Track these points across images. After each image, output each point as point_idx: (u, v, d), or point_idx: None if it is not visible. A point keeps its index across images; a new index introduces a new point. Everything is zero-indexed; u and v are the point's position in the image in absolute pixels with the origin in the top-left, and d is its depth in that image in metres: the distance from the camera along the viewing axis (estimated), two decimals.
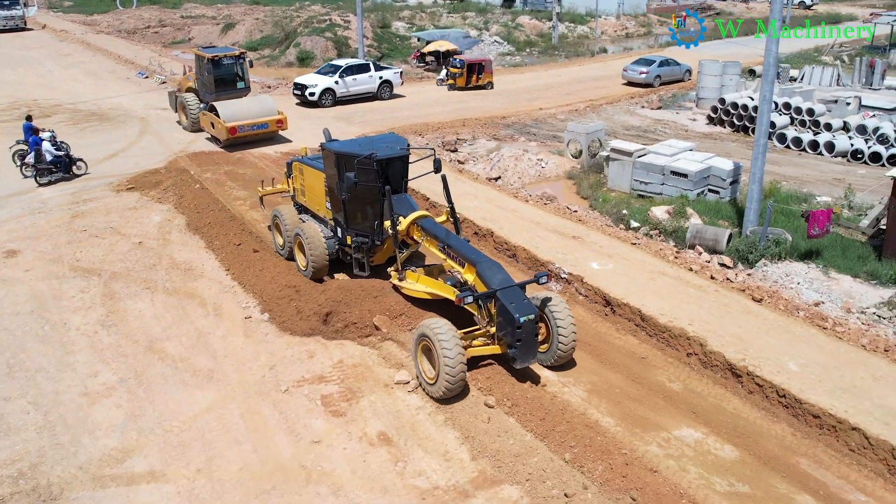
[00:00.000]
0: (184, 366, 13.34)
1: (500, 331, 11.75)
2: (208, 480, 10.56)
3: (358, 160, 13.78)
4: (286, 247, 16.44)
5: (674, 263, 16.19)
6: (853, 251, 18.10)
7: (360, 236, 14.88)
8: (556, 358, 12.18)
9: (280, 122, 26.14)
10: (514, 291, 11.73)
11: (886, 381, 11.88)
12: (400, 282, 14.45)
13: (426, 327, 11.50)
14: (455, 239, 13.25)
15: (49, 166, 22.37)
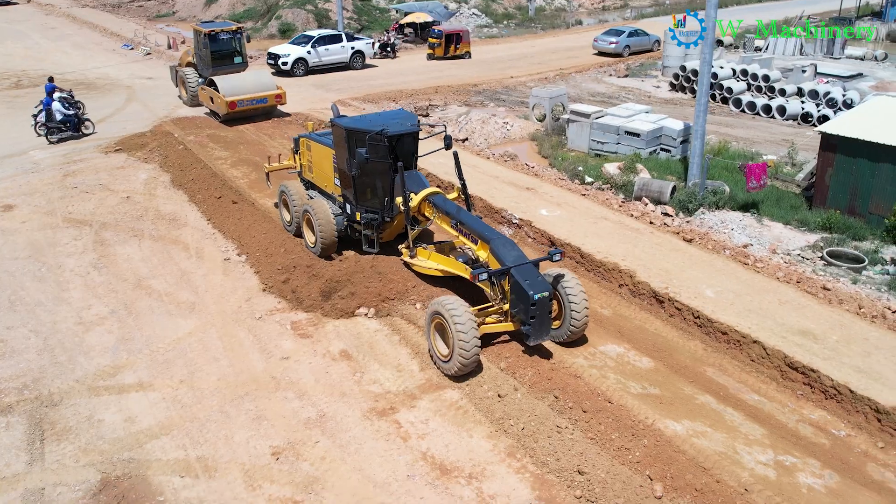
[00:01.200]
0: (168, 299, 14.83)
1: (514, 308, 11.68)
2: (190, 389, 12.09)
3: (369, 136, 13.58)
4: (294, 223, 16.29)
5: (617, 211, 17.74)
6: (787, 202, 19.69)
7: (369, 213, 14.71)
8: (568, 334, 12.11)
9: (279, 96, 26.41)
10: (528, 269, 11.65)
11: (790, 306, 13.50)
12: (411, 259, 14.38)
13: (440, 305, 11.36)
14: (467, 215, 13.13)
15: (59, 125, 24.00)
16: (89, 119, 25.03)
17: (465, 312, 11.14)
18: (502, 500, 9.67)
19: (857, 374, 11.43)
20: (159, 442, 10.87)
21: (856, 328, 12.77)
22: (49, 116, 24.05)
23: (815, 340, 12.34)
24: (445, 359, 11.53)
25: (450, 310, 11.17)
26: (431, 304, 11.68)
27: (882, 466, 10.21)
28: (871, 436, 10.76)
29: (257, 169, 21.45)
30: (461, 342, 10.99)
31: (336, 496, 9.82)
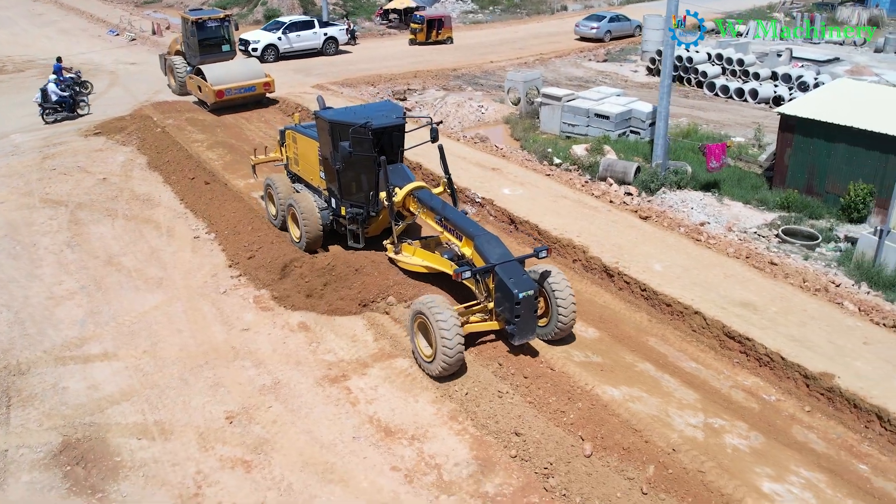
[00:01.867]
0: (137, 275, 15.31)
1: (499, 306, 11.45)
2: (152, 358, 12.59)
3: (353, 129, 13.34)
4: (279, 217, 15.96)
5: (579, 190, 18.21)
6: (748, 182, 20.18)
7: (354, 207, 14.46)
8: (555, 332, 11.86)
9: (267, 84, 26.01)
10: (512, 266, 11.39)
11: (735, 279, 14.00)
12: (396, 255, 14.16)
13: (422, 304, 11.08)
14: (452, 211, 12.87)
15: (54, 105, 24.70)
16: (85, 100, 25.86)
17: (448, 312, 10.83)
18: (441, 459, 10.19)
19: (790, 343, 11.94)
20: (120, 407, 11.37)
21: (796, 300, 13.27)
22: (45, 97, 24.70)
23: (754, 311, 12.84)
24: (429, 359, 11.22)
25: (432, 309, 10.87)
26: (414, 303, 11.43)
27: (806, 428, 10.73)
28: (799, 400, 11.27)
29: (233, 151, 21.88)
30: (444, 343, 10.70)
31: (284, 456, 10.33)
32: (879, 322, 12.63)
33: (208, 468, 10.16)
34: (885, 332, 12.31)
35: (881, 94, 19.38)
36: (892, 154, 17.30)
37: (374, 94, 27.96)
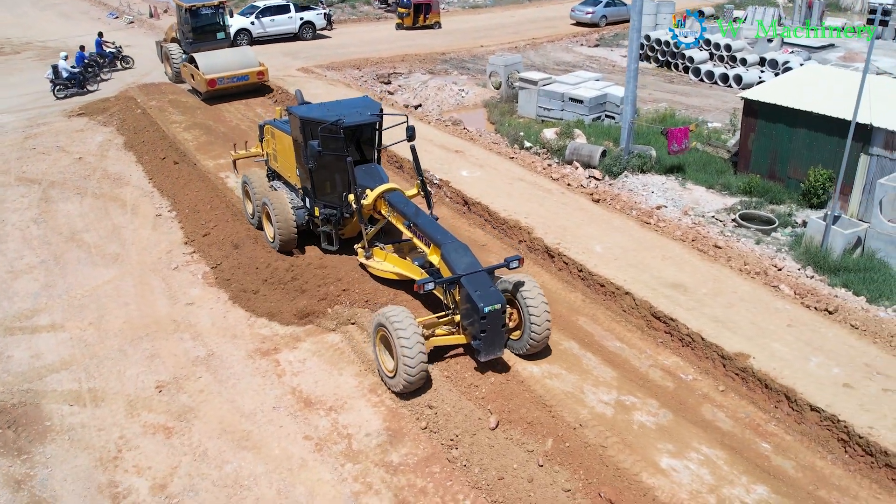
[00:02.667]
0: (96, 251, 15.76)
1: (465, 320, 10.84)
2: (96, 330, 13.04)
3: (322, 127, 12.82)
4: (255, 215, 15.40)
5: (538, 173, 18.40)
6: (714, 166, 20.24)
7: (328, 208, 13.92)
8: (528, 346, 11.20)
9: (261, 73, 25.42)
10: (480, 277, 10.74)
11: (673, 261, 14.17)
12: (367, 260, 13.59)
13: (383, 316, 10.51)
14: (423, 217, 12.26)
15: (65, 82, 25.84)
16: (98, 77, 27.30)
17: (410, 325, 10.23)
18: (353, 429, 10.54)
19: (713, 324, 12.13)
20: (58, 376, 11.83)
21: (729, 283, 13.43)
22: (56, 74, 25.93)
23: (684, 293, 13.03)
24: (391, 374, 10.67)
25: (393, 322, 10.28)
26: (375, 315, 10.80)
27: (717, 407, 10.94)
28: (715, 380, 11.48)
29: (209, 132, 22.28)
30: (405, 357, 10.13)
31: (204, 424, 10.73)
32: (810, 305, 12.76)
33: (131, 434, 10.57)
34: (813, 314, 12.46)
35: (847, 79, 19.32)
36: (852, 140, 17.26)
37: (359, 76, 28.22)
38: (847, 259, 15.15)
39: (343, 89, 25.65)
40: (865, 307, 13.21)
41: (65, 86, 25.62)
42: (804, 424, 10.38)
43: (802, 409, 10.43)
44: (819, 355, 11.32)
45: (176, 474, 9.84)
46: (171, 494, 9.53)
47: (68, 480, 9.78)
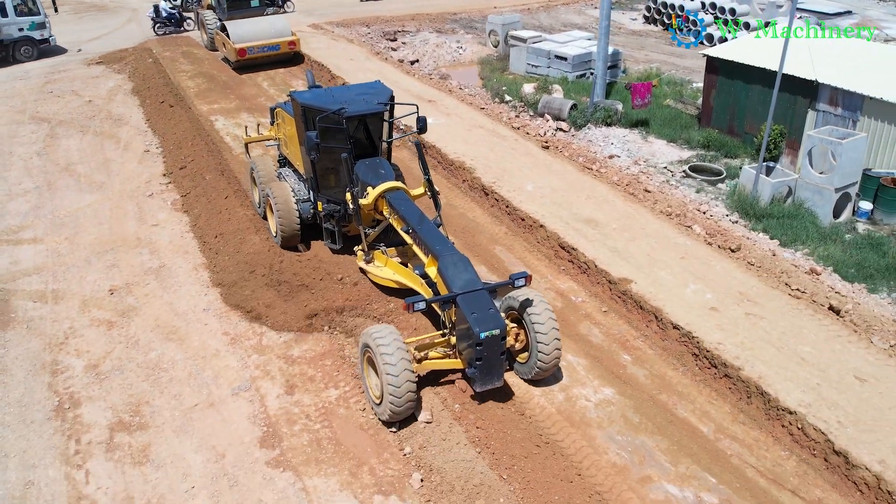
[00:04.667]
0: (85, 180, 17.56)
1: (460, 343, 9.72)
2: (70, 244, 14.80)
3: (321, 116, 11.76)
4: (261, 205, 14.41)
5: (502, 123, 19.48)
6: (680, 122, 20.98)
7: (331, 203, 12.81)
8: (535, 371, 10.07)
9: (292, 43, 24.93)
10: (479, 297, 9.51)
11: (594, 201, 15.20)
12: (366, 264, 12.44)
13: (368, 336, 9.48)
14: (425, 223, 11.03)
15: (164, 20, 28.99)
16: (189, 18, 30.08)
17: (396, 347, 9.17)
18: (267, 330, 12.03)
19: (609, 253, 13.21)
20: (29, 279, 13.62)
21: (641, 220, 14.43)
22: (157, 13, 29.17)
23: (594, 227, 14.10)
24: (378, 401, 9.65)
25: (378, 343, 9.24)
26: (362, 334, 9.79)
27: (595, 325, 12.08)
28: (601, 302, 12.60)
29: (211, 81, 23.90)
30: (390, 385, 9.08)
31: (142, 320, 12.38)
32: (713, 244, 13.69)
33: (79, 325, 12.27)
34: (711, 250, 13.40)
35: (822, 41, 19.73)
36: (799, 96, 17.90)
37: (366, 33, 29.44)
38: (775, 207, 15.91)
39: (345, 44, 26.96)
40: (774, 249, 14.03)
41: (164, 23, 28.94)
42: (667, 341, 11.45)
43: (666, 327, 11.49)
44: (698, 283, 12.31)
45: (108, 358, 11.49)
46: (101, 372, 11.17)
47: (19, 359, 11.50)
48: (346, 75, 22.81)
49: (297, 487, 9.06)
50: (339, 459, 9.44)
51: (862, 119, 16.61)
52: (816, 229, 15.20)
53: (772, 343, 10.84)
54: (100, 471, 9.41)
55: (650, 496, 8.88)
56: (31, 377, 11.03)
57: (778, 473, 9.20)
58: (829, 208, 15.60)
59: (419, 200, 12.27)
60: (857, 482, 8.87)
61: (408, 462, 9.32)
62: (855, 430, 9.28)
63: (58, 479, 9.31)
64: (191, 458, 9.56)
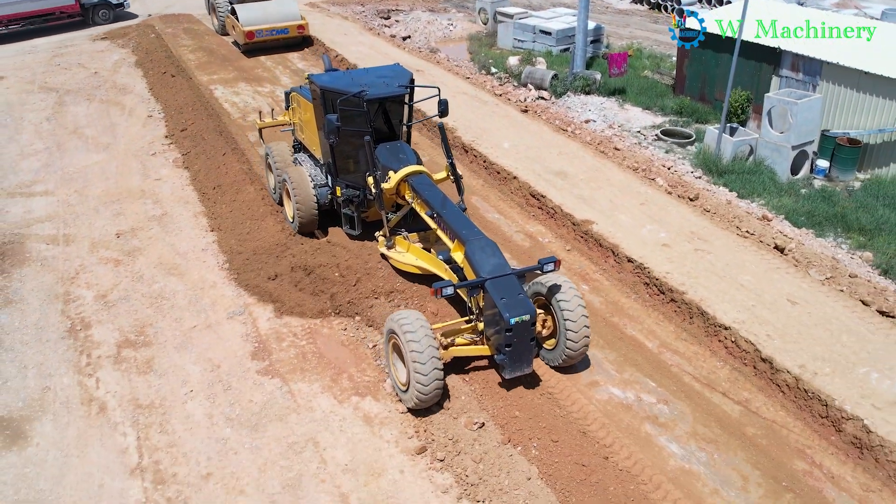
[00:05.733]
0: (92, 141, 18.74)
1: (489, 329, 9.63)
2: (79, 196, 15.99)
3: (342, 99, 11.56)
4: (276, 191, 14.26)
5: (485, 91, 20.60)
6: (655, 91, 22.07)
7: (350, 188, 12.62)
8: (563, 358, 9.96)
9: (301, 27, 25.00)
10: (508, 282, 9.45)
11: (566, 156, 16.34)
12: (388, 250, 12.31)
13: (393, 322, 9.40)
14: (449, 206, 10.95)
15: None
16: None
17: (423, 333, 9.05)
18: None
19: (575, 200, 14.38)
20: (42, 225, 14.82)
21: (608, 173, 15.59)
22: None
23: (563, 178, 15.26)
24: (404, 388, 9.52)
25: (404, 329, 9.13)
26: (387, 320, 9.68)
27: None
28: (565, 242, 13.76)
29: (211, 55, 25.04)
30: (417, 372, 8.97)
31: (146, 258, 13.57)
32: (672, 192, 14.85)
33: (89, 263, 13.47)
34: (670, 199, 14.55)
35: (785, 11, 20.81)
36: (764, 63, 19.02)
37: (360, 12, 30.52)
38: (737, 164, 17.04)
39: (339, 21, 28.09)
40: (731, 199, 15.18)
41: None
42: (622, 273, 12.62)
43: (622, 261, 12.67)
44: (654, 224, 13.48)
45: (116, 289, 12.70)
46: (109, 301, 12.38)
47: (34, 290, 12.71)
48: (339, 48, 23.95)
49: (283, 391, 10.25)
50: (322, 369, 10.64)
51: (821, 83, 17.71)
52: (774, 184, 16.31)
53: (715, 273, 12.00)
54: (108, 379, 10.60)
55: (596, 397, 10.06)
56: (45, 305, 12.23)
57: (712, 379, 10.37)
58: (787, 165, 16.70)
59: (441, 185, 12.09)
60: (779, 384, 10.04)
61: (382, 371, 10.53)
62: (781, 342, 10.44)
63: (71, 385, 10.49)
64: (189, 368, 10.75)
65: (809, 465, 8.93)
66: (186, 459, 9.18)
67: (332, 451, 9.22)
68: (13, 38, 27.84)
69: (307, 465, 9.02)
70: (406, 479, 8.82)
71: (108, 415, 9.94)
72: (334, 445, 9.30)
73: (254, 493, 8.66)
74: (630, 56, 21.04)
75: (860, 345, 10.35)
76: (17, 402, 10.15)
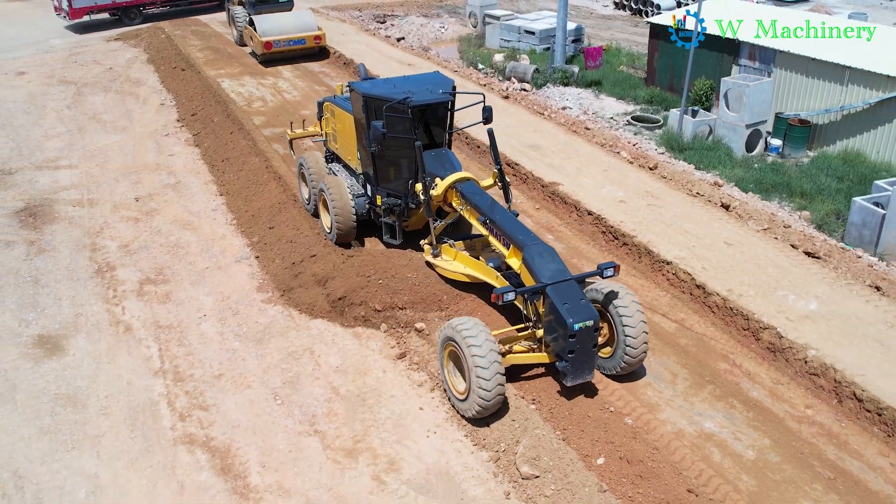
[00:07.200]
0: (110, 125, 20.54)
1: (549, 336, 9.42)
2: (101, 169, 17.76)
3: (388, 106, 11.39)
4: (311, 201, 14.06)
5: (471, 81, 22.40)
6: (629, 83, 23.88)
7: (391, 197, 12.37)
8: (622, 366, 9.71)
9: (318, 38, 25.34)
10: (569, 287, 9.27)
11: (540, 133, 18.05)
12: (434, 258, 12.09)
13: (452, 329, 9.13)
14: (501, 212, 10.77)
15: None
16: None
17: (485, 340, 8.83)
18: None
19: (545, 167, 16.11)
20: (68, 192, 16.56)
21: (577, 147, 17.33)
22: None
23: (537, 151, 17.00)
24: (462, 396, 9.23)
25: (466, 336, 8.89)
26: (443, 327, 9.46)
27: (527, 216, 14.77)
28: (535, 202, 15.42)
29: (217, 53, 26.91)
30: (480, 379, 8.73)
31: (163, 217, 15.29)
32: (633, 162, 16.59)
33: (112, 221, 15.20)
34: (631, 167, 16.25)
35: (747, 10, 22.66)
36: (724, 53, 20.84)
37: (357, 16, 32.46)
38: (697, 142, 18.81)
39: (337, 23, 30.01)
40: (689, 171, 16.91)
41: None
42: (583, 225, 14.33)
43: (583, 215, 14.39)
44: (614, 186, 15.21)
45: (136, 241, 14.41)
46: (131, 249, 14.09)
47: (64, 241, 14.43)
48: (338, 46, 25.80)
49: (284, 314, 11.94)
50: None
51: (775, 70, 19.52)
52: (730, 159, 18.06)
53: (663, 222, 13.72)
54: (133, 307, 12.30)
55: None
56: (74, 253, 13.95)
57: (654, 305, 12.04)
58: (742, 142, 18.47)
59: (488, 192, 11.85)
60: (710, 306, 11.72)
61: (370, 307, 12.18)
62: (714, 273, 12.13)
63: (100, 311, 12.19)
64: (203, 299, 12.45)
65: (730, 365, 10.58)
66: (201, 364, 10.83)
67: (325, 357, 10.88)
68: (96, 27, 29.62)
69: (304, 367, 10.68)
70: (388, 376, 10.49)
71: (134, 333, 11.60)
72: (327, 353, 10.96)
73: (259, 388, 10.31)
74: (605, 50, 22.81)
75: (782, 275, 12.04)
76: (54, 324, 11.82)
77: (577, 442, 9.06)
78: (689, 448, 9.06)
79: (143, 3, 32.86)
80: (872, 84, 16.96)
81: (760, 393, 10.02)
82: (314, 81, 23.28)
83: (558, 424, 9.27)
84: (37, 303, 12.30)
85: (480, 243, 12.01)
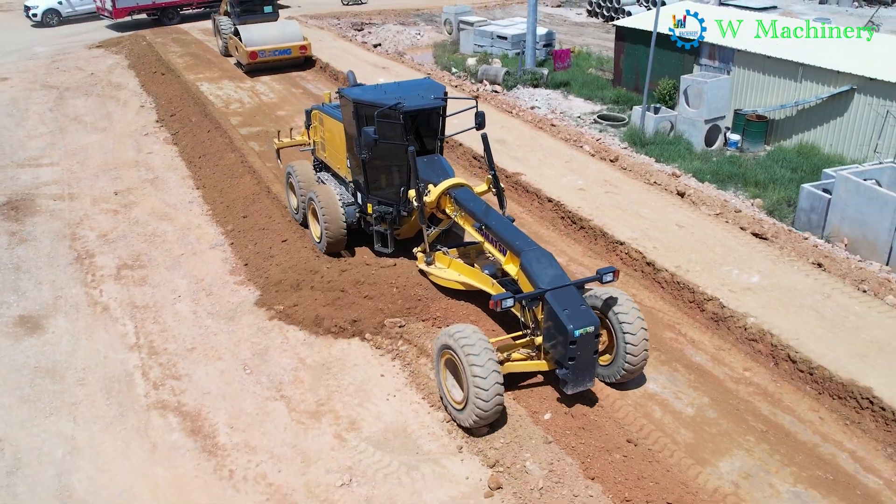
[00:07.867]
0: (91, 126, 21.09)
1: (548, 343, 9.24)
2: (81, 166, 18.29)
3: (379, 111, 11.18)
4: (300, 211, 13.87)
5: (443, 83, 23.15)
6: (597, 84, 24.67)
7: (382, 204, 12.21)
8: (622, 373, 9.54)
9: (304, 48, 25.26)
10: (568, 293, 9.08)
11: (507, 129, 18.76)
12: (427, 266, 11.94)
13: (449, 337, 8.92)
14: (496, 217, 10.64)
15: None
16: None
17: (483, 348, 8.64)
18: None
19: (511, 160, 16.77)
20: (49, 187, 17.08)
21: (542, 141, 18.04)
22: None
23: (502, 144, 17.67)
24: (459, 406, 9.02)
25: (463, 345, 8.70)
26: (441, 334, 9.24)
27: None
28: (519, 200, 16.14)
29: (197, 58, 27.55)
30: (478, 388, 8.52)
31: (141, 209, 15.84)
32: (595, 155, 17.30)
33: (92, 213, 15.73)
34: (591, 159, 16.96)
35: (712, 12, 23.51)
36: (686, 54, 21.67)
37: (336, 24, 33.21)
38: (658, 137, 19.57)
39: (315, 30, 30.74)
40: (649, 163, 17.63)
41: None
42: (543, 211, 15.01)
43: (544, 202, 15.07)
44: (574, 175, 15.91)
45: (115, 231, 14.95)
46: (110, 238, 14.63)
47: (45, 232, 14.95)
48: (315, 52, 26.50)
49: (255, 295, 12.53)
50: None
51: (734, 69, 20.35)
52: (689, 153, 18.81)
53: (619, 207, 14.42)
54: (110, 289, 12.84)
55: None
56: (55, 242, 14.48)
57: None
58: (701, 137, 19.25)
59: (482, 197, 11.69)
60: (660, 281, 12.40)
61: None
62: (664, 252, 12.82)
63: (79, 294, 12.72)
64: (178, 281, 13.01)
65: (676, 334, 11.25)
66: (175, 339, 11.39)
67: (294, 332, 11.46)
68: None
69: (273, 341, 11.25)
70: (352, 348, 11.07)
71: (111, 312, 12.14)
72: (296, 328, 11.54)
73: (230, 359, 10.88)
74: (573, 53, 23.62)
75: (728, 253, 12.75)
76: (34, 306, 12.35)
77: (526, 401, 9.65)
78: (632, 406, 9.67)
79: (182, 4, 34.65)
80: (824, 80, 17.78)
81: (703, 358, 10.65)
82: (291, 84, 23.94)
83: (511, 386, 9.86)
84: (18, 287, 12.80)
85: (475, 251, 11.86)
